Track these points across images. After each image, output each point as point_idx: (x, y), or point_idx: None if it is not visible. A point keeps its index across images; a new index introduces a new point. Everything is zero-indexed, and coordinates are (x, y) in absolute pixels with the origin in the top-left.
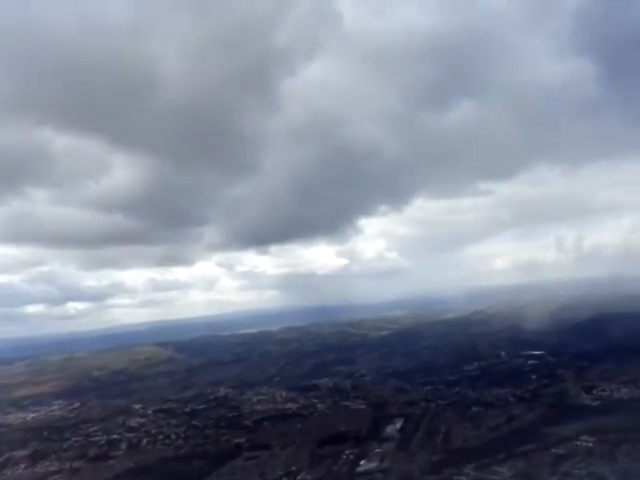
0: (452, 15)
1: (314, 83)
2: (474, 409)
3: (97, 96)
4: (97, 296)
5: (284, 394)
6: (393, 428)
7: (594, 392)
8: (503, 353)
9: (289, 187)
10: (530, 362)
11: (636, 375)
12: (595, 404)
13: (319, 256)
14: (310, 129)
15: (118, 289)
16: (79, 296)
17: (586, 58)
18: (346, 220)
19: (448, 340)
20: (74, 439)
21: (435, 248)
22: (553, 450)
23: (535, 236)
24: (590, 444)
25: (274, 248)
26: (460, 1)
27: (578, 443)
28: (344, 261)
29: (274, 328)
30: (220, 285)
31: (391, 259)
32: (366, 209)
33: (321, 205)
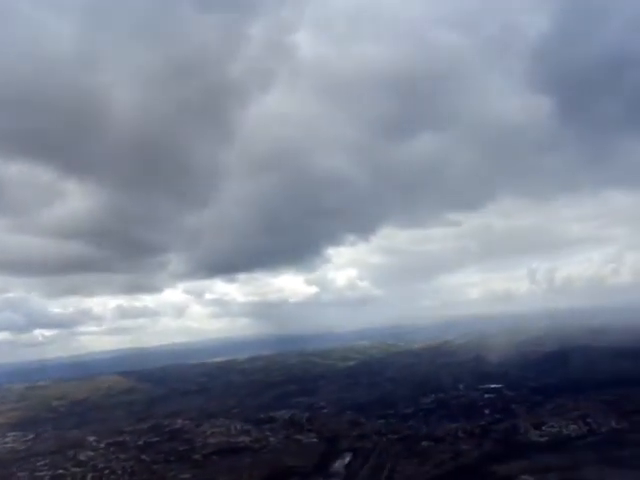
0: (411, 49)
1: (271, 114)
2: (423, 444)
3: (48, 124)
4: (64, 323)
5: (239, 426)
6: (341, 463)
7: (543, 428)
8: (462, 386)
9: (253, 217)
10: (487, 396)
11: (587, 411)
12: (543, 440)
13: (289, 285)
14: (271, 160)
15: (86, 316)
16: (46, 323)
17: (543, 95)
18: (313, 249)
19: (412, 371)
20: (19, 474)
21: (407, 277)
22: None
23: (507, 267)
24: None
25: (242, 276)
26: (418, 36)
27: None
28: (315, 290)
29: (242, 357)
30: (191, 313)
31: (362, 288)
32: (333, 239)
33: (287, 235)
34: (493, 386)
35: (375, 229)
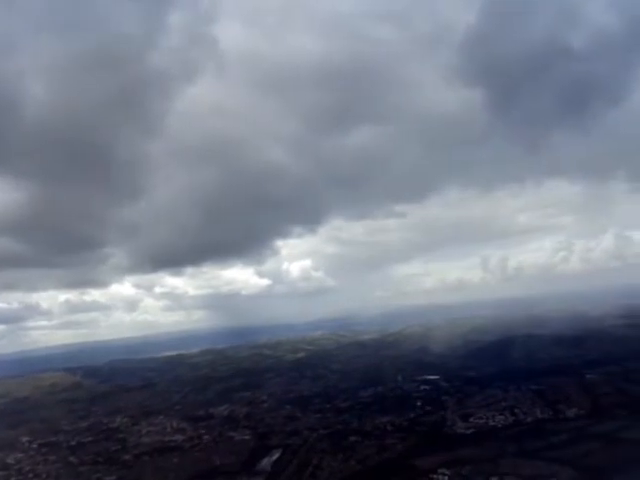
0: (344, 43)
1: (202, 105)
2: (352, 439)
3: None
4: (10, 318)
5: (175, 424)
6: (268, 461)
7: (470, 420)
8: (400, 378)
9: (194, 209)
10: (422, 387)
11: (516, 401)
12: (468, 432)
13: (240, 277)
14: (208, 152)
15: (33, 311)
16: None
17: (476, 88)
18: (260, 242)
19: (357, 363)
20: None
21: (360, 268)
22: None
23: (459, 257)
24: (446, 477)
25: (189, 270)
26: (351, 30)
27: (434, 476)
28: (267, 282)
29: (193, 350)
30: (144, 306)
31: (316, 279)
32: (279, 231)
33: (231, 227)
34: (430, 377)
35: (322, 221)
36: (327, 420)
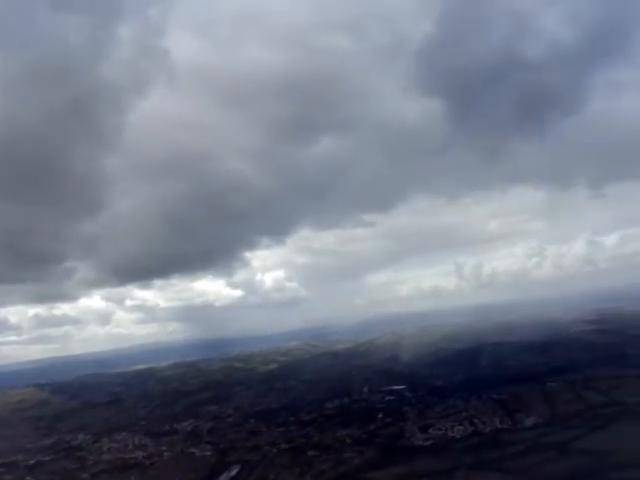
0: (301, 54)
1: (159, 118)
2: (310, 453)
3: None
4: None
5: (137, 441)
6: (226, 477)
7: (430, 431)
8: (366, 389)
9: (157, 222)
10: (387, 398)
11: (476, 411)
12: (427, 444)
13: (212, 289)
14: (168, 164)
15: (1, 327)
16: None
17: (435, 98)
18: (228, 253)
19: (327, 373)
20: None
21: (333, 277)
22: None
23: (433, 264)
24: None
25: (158, 282)
26: (306, 41)
27: None
28: (240, 293)
29: (165, 364)
30: (117, 319)
31: (289, 289)
32: (246, 242)
33: (197, 239)
34: (396, 387)
35: (289, 231)
36: (290, 434)
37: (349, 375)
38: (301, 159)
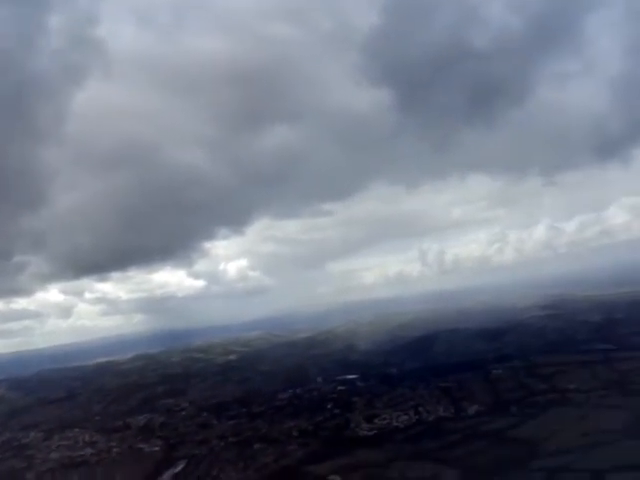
0: (246, 42)
1: (101, 109)
2: (256, 446)
3: None
4: None
5: (88, 437)
6: (170, 473)
7: (375, 421)
8: (320, 379)
9: (109, 214)
10: (339, 388)
11: (422, 400)
12: (371, 434)
13: (172, 279)
14: (116, 156)
15: None
16: None
17: (383, 88)
18: (184, 244)
19: (284, 364)
20: None
21: (297, 266)
22: None
23: (397, 251)
24: None
25: (115, 275)
26: (251, 29)
27: None
28: (202, 283)
29: (127, 356)
30: (79, 312)
31: (253, 279)
32: (204, 233)
33: (151, 231)
34: (349, 377)
35: (248, 221)
36: (239, 427)
37: (305, 365)
38: (255, 149)
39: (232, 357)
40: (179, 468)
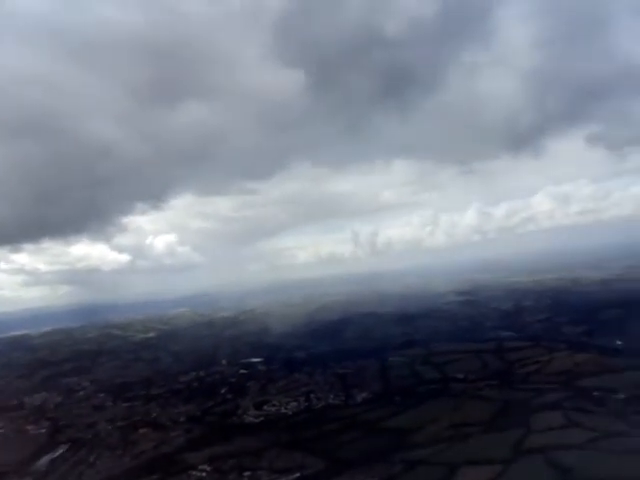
0: (157, 15)
1: (4, 73)
2: (142, 431)
3: None
4: None
5: None
6: (48, 458)
7: (264, 408)
8: (225, 361)
9: (16, 185)
10: (240, 372)
11: (316, 386)
12: (257, 421)
13: (93, 252)
14: (20, 125)
15: None
16: None
17: (295, 70)
18: (100, 218)
19: (198, 344)
20: None
21: (228, 243)
22: None
23: (330, 231)
24: (203, 474)
25: (28, 246)
26: (168, 3)
27: (193, 473)
28: (127, 257)
29: (44, 330)
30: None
31: (182, 254)
32: (120, 207)
33: (63, 203)
34: (254, 360)
35: (167, 197)
36: (132, 410)
37: (218, 346)
38: (170, 125)
39: (150, 335)
40: (58, 453)
